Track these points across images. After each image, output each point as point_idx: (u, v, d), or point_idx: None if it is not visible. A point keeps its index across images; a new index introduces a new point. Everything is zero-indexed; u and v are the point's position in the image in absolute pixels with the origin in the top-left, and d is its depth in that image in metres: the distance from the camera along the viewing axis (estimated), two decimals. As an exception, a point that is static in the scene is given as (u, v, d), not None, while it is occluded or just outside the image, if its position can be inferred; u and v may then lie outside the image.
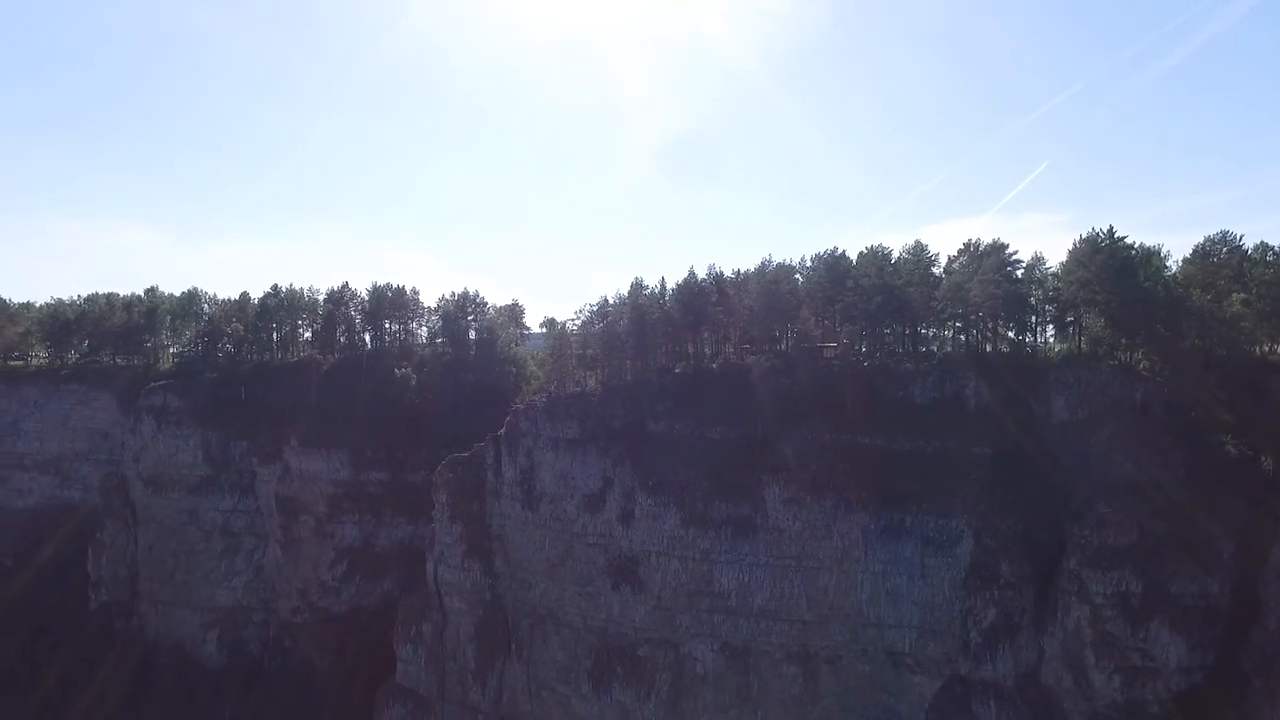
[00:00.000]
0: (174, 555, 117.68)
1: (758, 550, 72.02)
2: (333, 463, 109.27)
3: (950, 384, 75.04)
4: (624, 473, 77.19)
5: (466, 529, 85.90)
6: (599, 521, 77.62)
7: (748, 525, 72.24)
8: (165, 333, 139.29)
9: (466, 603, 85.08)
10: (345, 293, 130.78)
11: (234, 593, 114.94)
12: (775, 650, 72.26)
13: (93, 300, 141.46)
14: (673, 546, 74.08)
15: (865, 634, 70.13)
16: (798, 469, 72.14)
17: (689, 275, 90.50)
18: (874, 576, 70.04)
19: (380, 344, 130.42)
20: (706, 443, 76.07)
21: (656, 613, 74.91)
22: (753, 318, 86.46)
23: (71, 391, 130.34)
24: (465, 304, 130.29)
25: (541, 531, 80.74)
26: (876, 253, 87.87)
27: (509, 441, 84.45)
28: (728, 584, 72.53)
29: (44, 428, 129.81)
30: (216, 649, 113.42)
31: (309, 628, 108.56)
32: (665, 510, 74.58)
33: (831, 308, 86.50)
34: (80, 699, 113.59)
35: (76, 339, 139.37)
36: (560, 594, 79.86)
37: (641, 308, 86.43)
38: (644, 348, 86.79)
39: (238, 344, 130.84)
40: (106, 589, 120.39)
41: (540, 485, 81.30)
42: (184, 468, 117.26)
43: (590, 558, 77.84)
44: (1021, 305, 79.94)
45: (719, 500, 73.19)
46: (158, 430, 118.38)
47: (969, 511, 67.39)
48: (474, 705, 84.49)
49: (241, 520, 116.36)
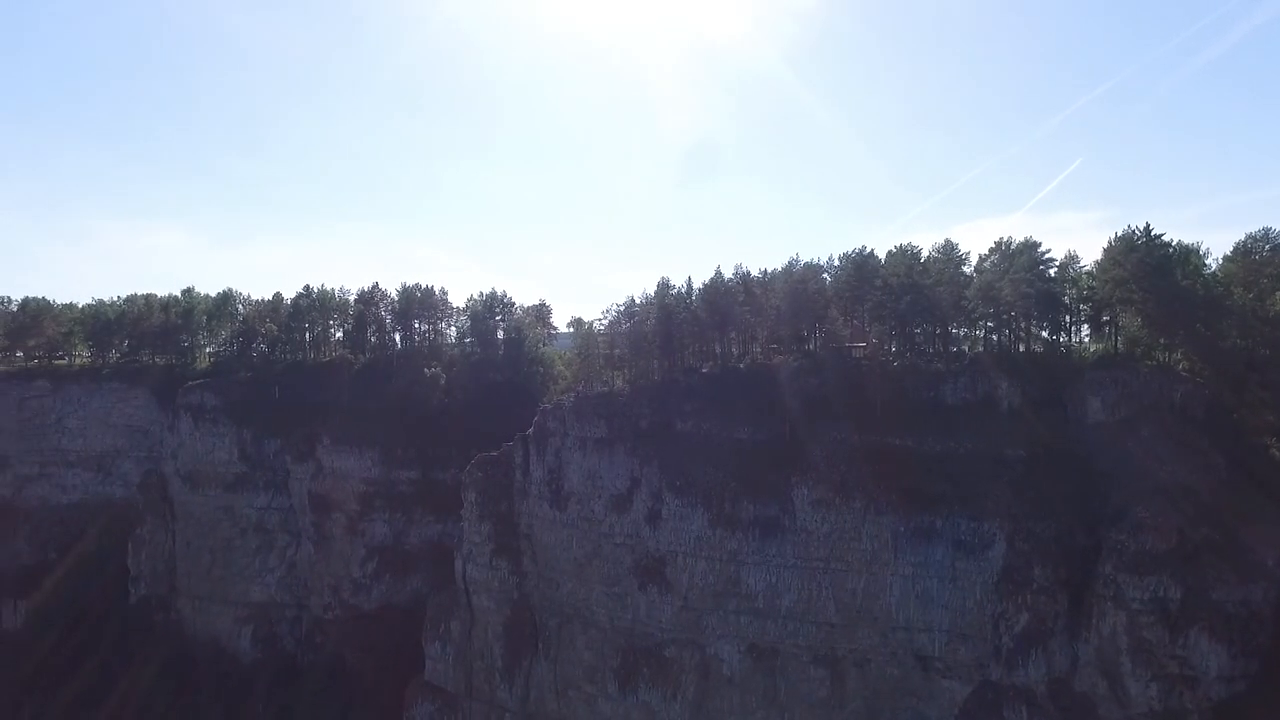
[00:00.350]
0: (210, 551, 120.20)
1: (785, 552, 71.63)
2: (364, 461, 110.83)
3: (982, 384, 73.97)
4: (651, 473, 77.24)
5: (495, 528, 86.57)
6: (626, 521, 77.76)
7: (775, 526, 71.87)
8: (202, 333, 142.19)
9: (494, 601, 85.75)
10: (376, 293, 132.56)
11: (268, 589, 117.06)
12: (802, 653, 71.84)
13: (132, 301, 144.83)
14: (700, 547, 73.96)
15: (894, 637, 69.43)
16: (826, 470, 71.63)
17: (715, 275, 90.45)
18: (903, 579, 69.32)
19: (410, 344, 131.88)
20: (734, 443, 75.83)
21: (683, 613, 74.86)
22: (780, 317, 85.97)
23: (112, 389, 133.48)
24: (493, 304, 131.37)
25: (569, 531, 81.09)
26: (905, 252, 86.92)
27: (537, 441, 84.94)
28: (755, 585, 72.23)
29: (86, 425, 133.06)
30: (251, 644, 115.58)
31: (340, 624, 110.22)
32: (692, 510, 74.49)
33: (860, 307, 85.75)
34: (119, 689, 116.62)
35: (117, 338, 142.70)
36: (587, 593, 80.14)
37: (668, 307, 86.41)
38: (671, 347, 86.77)
39: (271, 344, 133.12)
40: (145, 583, 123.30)
41: (568, 485, 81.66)
42: (220, 465, 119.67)
43: (617, 557, 78.01)
44: (1055, 304, 78.56)
45: (746, 501, 72.91)
46: (195, 428, 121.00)
47: (1001, 514, 66.39)
48: (501, 703, 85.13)
49: (275, 517, 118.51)
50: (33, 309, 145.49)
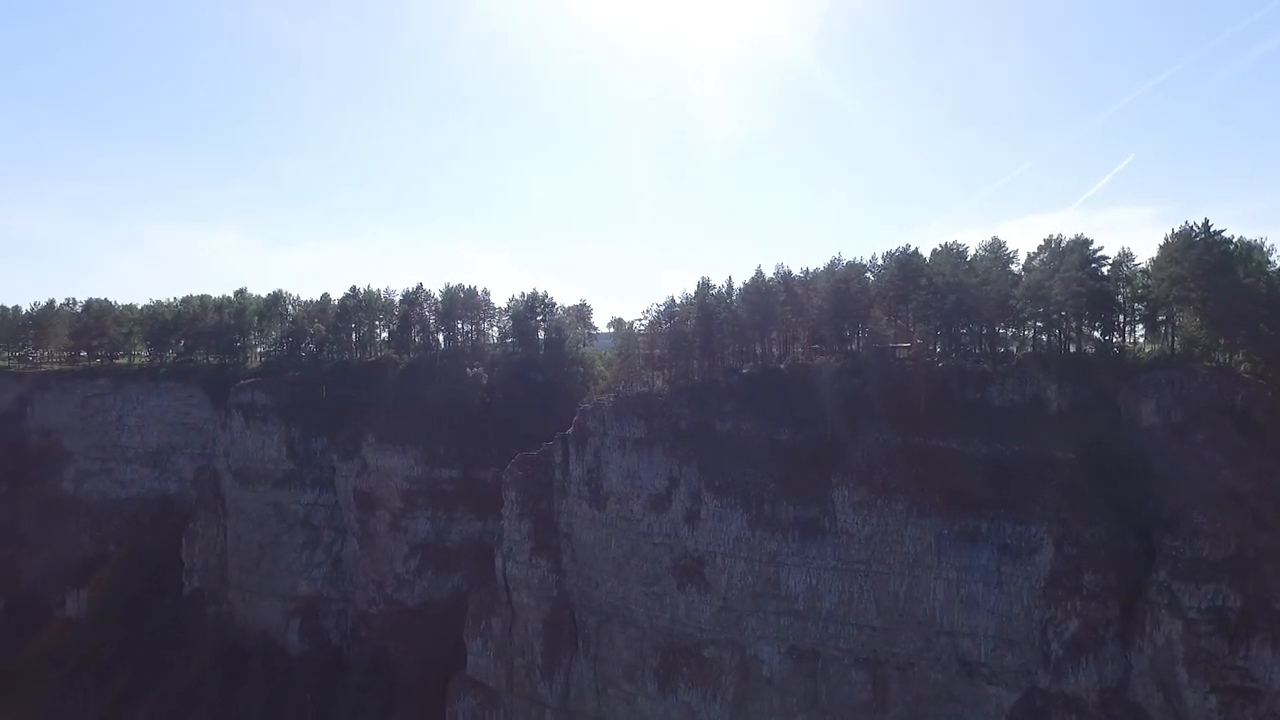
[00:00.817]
0: (259, 546, 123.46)
1: (826, 553, 70.88)
2: (407, 459, 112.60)
3: (1030, 386, 72.22)
4: (690, 473, 77.12)
5: (535, 526, 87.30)
6: (665, 521, 77.75)
7: (816, 528, 71.17)
8: (253, 333, 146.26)
9: (534, 599, 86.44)
10: (420, 294, 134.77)
11: (314, 583, 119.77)
12: (844, 655, 70.97)
13: (187, 302, 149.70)
14: (739, 548, 73.60)
15: (938, 642, 68.19)
16: (868, 472, 70.70)
17: (756, 274, 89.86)
18: (947, 583, 68.06)
19: (453, 344, 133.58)
20: (774, 444, 75.29)
21: (723, 614, 74.55)
22: (822, 317, 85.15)
23: (169, 388, 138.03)
24: (534, 304, 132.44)
25: (608, 530, 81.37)
26: (951, 250, 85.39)
27: (576, 441, 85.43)
28: (795, 587, 71.61)
29: (144, 422, 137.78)
30: (299, 636, 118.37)
31: (384, 619, 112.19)
32: (731, 511, 74.17)
33: (904, 307, 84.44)
34: (172, 677, 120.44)
35: (173, 338, 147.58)
36: (626, 592, 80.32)
37: (708, 307, 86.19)
38: (711, 348, 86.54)
39: (319, 344, 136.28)
40: (199, 576, 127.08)
41: (607, 484, 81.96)
42: (269, 462, 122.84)
43: (656, 557, 78.03)
44: (1108, 303, 76.34)
45: (786, 502, 72.35)
46: (245, 426, 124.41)
47: (1049, 518, 64.76)
48: (541, 700, 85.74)
49: (322, 513, 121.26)
50: (96, 310, 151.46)
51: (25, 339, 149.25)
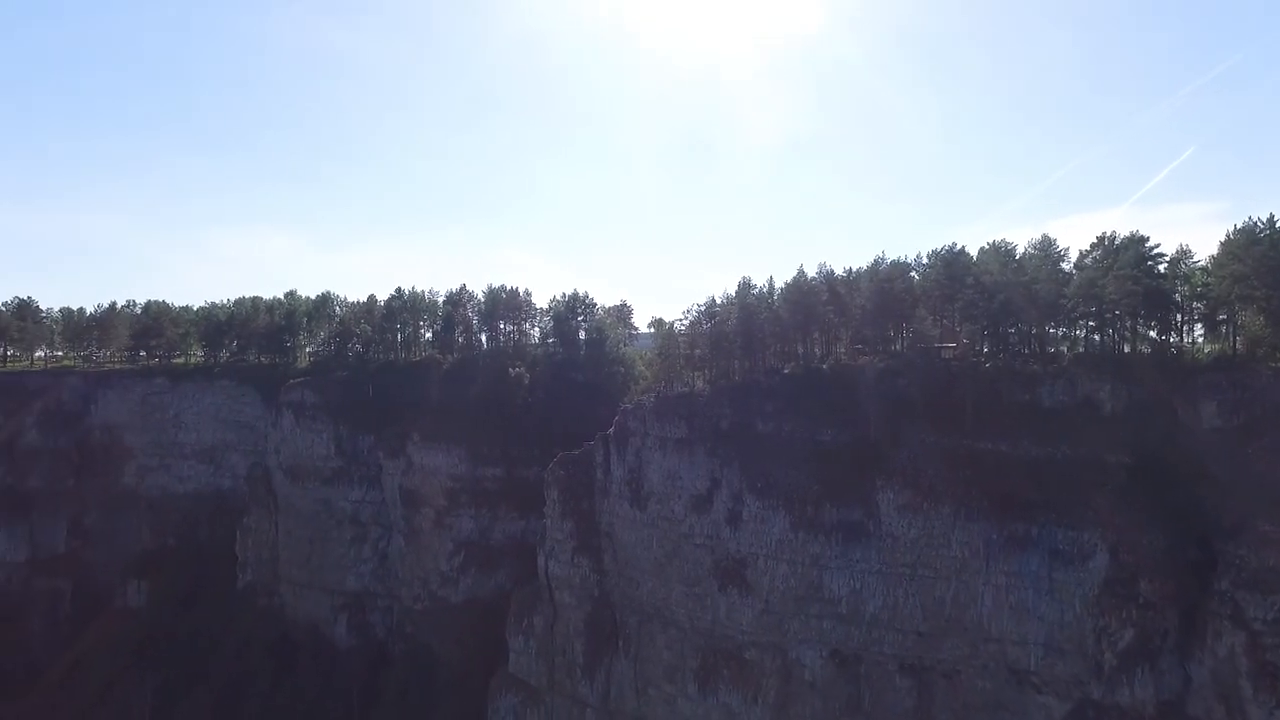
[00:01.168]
0: (309, 541, 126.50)
1: (870, 557, 69.95)
2: (451, 458, 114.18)
3: (1082, 387, 70.23)
4: (731, 474, 76.81)
5: (576, 526, 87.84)
6: (706, 522, 77.56)
7: (860, 531, 70.29)
8: (302, 333, 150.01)
9: (576, 598, 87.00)
10: (463, 294, 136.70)
11: (362, 579, 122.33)
12: (888, 660, 69.98)
13: (240, 304, 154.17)
14: (781, 550, 73.07)
15: (986, 649, 66.78)
16: (913, 474, 69.57)
17: (798, 274, 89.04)
18: (996, 589, 66.61)
19: (495, 344, 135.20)
20: (816, 445, 74.55)
21: (764, 616, 74.09)
22: (865, 317, 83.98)
23: (223, 387, 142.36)
24: (575, 305, 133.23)
25: (649, 530, 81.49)
26: (999, 248, 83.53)
27: (617, 441, 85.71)
28: (838, 590, 70.82)
29: (200, 420, 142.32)
30: (346, 630, 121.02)
31: (429, 615, 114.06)
32: (773, 513, 73.66)
33: (950, 306, 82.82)
34: (227, 667, 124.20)
35: (227, 339, 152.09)
36: (667, 593, 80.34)
37: (749, 307, 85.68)
38: (752, 348, 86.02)
39: (366, 344, 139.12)
40: (251, 570, 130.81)
41: (648, 484, 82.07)
42: (318, 460, 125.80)
43: (697, 558, 77.89)
44: (1164, 302, 73.82)
45: (829, 504, 71.58)
46: (295, 424, 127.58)
47: (1103, 524, 62.91)
48: (582, 699, 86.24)
49: (369, 510, 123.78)
50: (154, 312, 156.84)
51: (89, 339, 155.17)
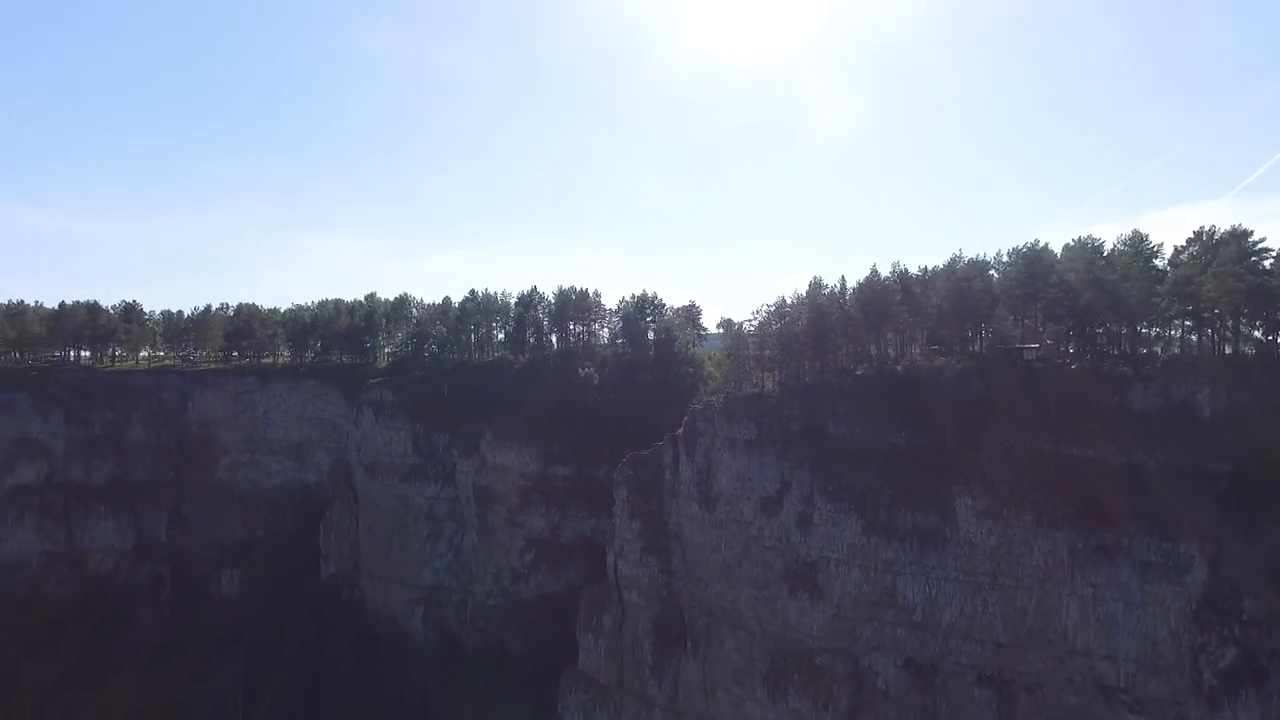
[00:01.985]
0: (388, 536, 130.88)
1: (946, 564, 67.93)
2: (523, 457, 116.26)
3: (1178, 390, 66.48)
4: (802, 476, 75.80)
5: (645, 526, 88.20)
6: (776, 525, 76.77)
7: (936, 537, 68.35)
8: (381, 334, 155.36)
9: (644, 598, 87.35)
10: (534, 296, 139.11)
11: (437, 573, 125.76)
12: (966, 671, 67.80)
13: (324, 306, 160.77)
14: (853, 554, 71.70)
15: (1071, 662, 63.96)
16: (993, 479, 67.20)
17: (871, 273, 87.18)
18: (1082, 600, 63.70)
19: (565, 344, 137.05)
20: (890, 448, 72.86)
21: (835, 622, 72.85)
22: (942, 317, 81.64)
23: (308, 386, 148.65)
24: (644, 305, 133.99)
25: (718, 532, 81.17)
26: (1085, 245, 79.92)
27: (686, 441, 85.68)
28: (913, 597, 69.05)
29: (287, 418, 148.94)
30: (422, 623, 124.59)
31: (501, 610, 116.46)
32: (845, 517, 72.35)
33: (1032, 306, 79.64)
34: (310, 655, 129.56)
35: (311, 340, 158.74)
36: (736, 595, 79.86)
37: (820, 308, 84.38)
38: (823, 349, 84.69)
39: (441, 344, 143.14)
40: (334, 562, 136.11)
41: (717, 486, 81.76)
42: (396, 457, 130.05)
43: (767, 561, 77.17)
44: (1270, 300, 69.17)
45: (904, 509, 69.86)
46: (375, 422, 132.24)
47: (1201, 535, 59.39)
48: (651, 699, 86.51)
49: (444, 507, 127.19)
50: (245, 314, 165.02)
51: (187, 340, 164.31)
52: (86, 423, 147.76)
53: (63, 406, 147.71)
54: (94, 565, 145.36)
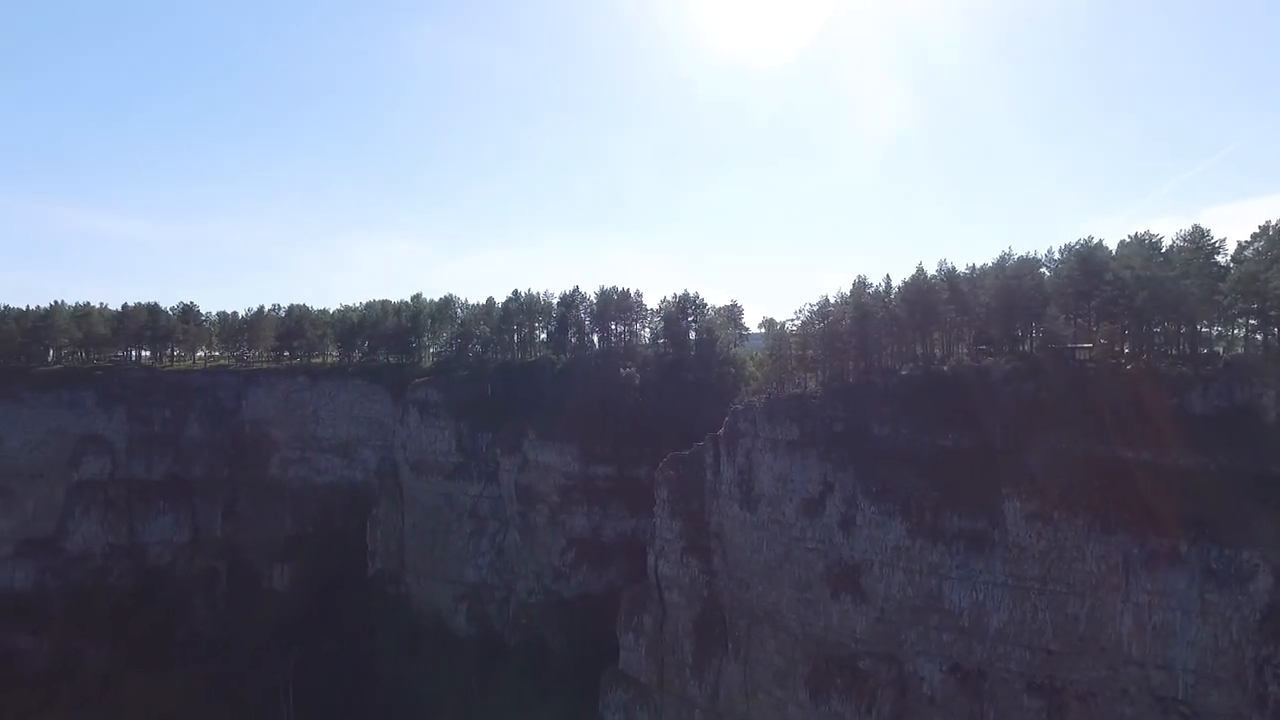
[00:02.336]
0: (432, 533, 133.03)
1: (994, 568, 66.29)
2: (565, 456, 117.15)
3: (1240, 391, 63.80)
4: (845, 478, 74.80)
5: (686, 526, 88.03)
6: (818, 526, 75.89)
7: (983, 540, 66.76)
8: (426, 334, 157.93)
9: (685, 598, 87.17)
10: (576, 296, 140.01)
11: (480, 571, 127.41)
12: (1014, 679, 66.04)
13: (370, 307, 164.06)
14: (898, 557, 70.47)
15: (1126, 672, 61.84)
16: (1044, 482, 65.33)
17: (917, 272, 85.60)
18: (1137, 608, 61.49)
19: (607, 344, 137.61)
20: (937, 450, 71.44)
21: (879, 625, 71.70)
22: (990, 316, 79.77)
23: (356, 385, 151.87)
24: (686, 305, 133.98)
25: (759, 533, 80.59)
26: (1142, 241, 77.35)
27: (728, 441, 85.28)
28: (960, 602, 67.55)
29: (336, 416, 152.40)
30: (465, 620, 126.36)
31: (542, 608, 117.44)
32: (890, 519, 71.16)
33: (1085, 304, 77.35)
34: (357, 649, 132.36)
35: (359, 339, 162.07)
36: (778, 597, 79.18)
37: (865, 307, 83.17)
38: (867, 348, 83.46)
39: (484, 344, 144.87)
40: (380, 559, 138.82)
41: (759, 486, 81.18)
42: (440, 455, 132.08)
43: (809, 563, 76.33)
44: (1343, 298, 66.10)
45: (950, 512, 68.39)
46: (420, 421, 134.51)
47: (1266, 543, 56.88)
48: (691, 699, 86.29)
49: (487, 505, 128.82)
50: (296, 315, 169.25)
51: (241, 340, 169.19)
52: (147, 420, 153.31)
53: (125, 405, 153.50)
54: (153, 558, 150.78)
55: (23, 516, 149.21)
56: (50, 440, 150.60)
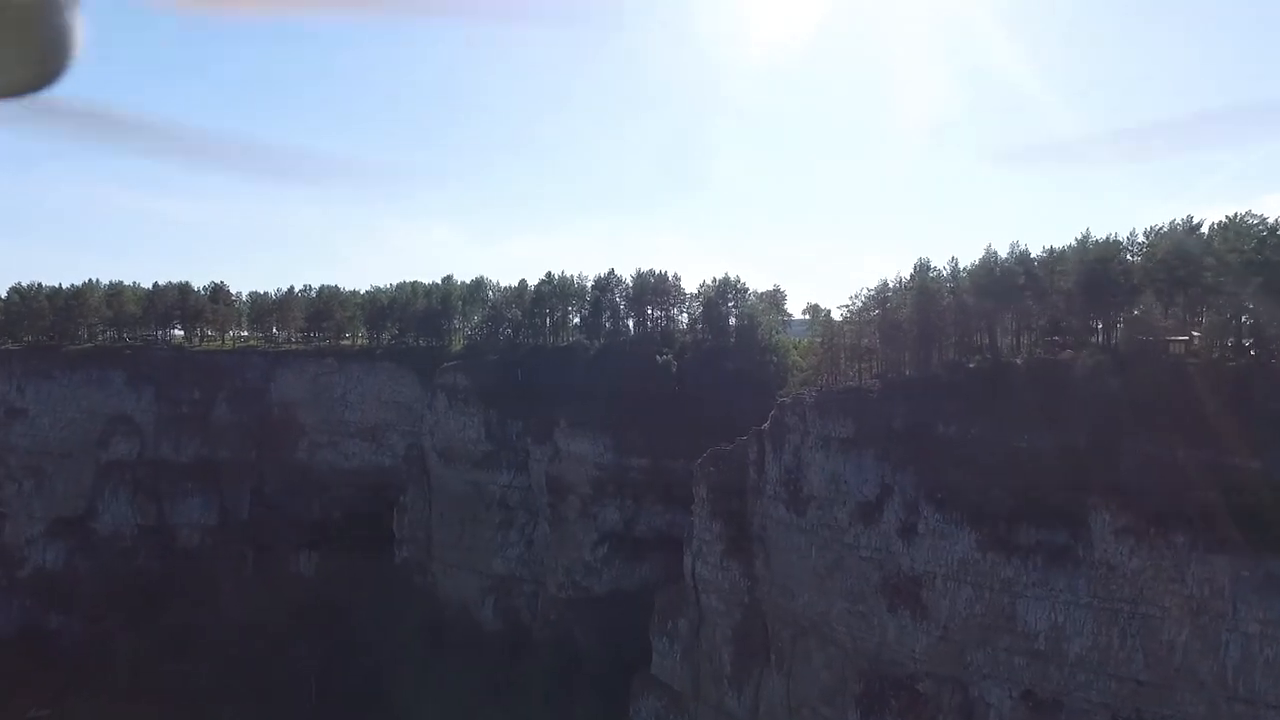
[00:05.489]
0: (460, 522, 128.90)
1: (1077, 587, 59.16)
2: (597, 446, 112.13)
3: (1373, 393, 55.73)
4: (905, 480, 67.99)
5: (726, 527, 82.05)
6: (874, 534, 69.26)
7: (1065, 556, 59.63)
8: (457, 317, 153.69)
9: (724, 603, 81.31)
10: (611, 279, 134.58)
11: (508, 563, 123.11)
12: (1096, 710, 59.02)
13: (401, 288, 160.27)
14: (965, 571, 63.62)
15: (1231, 709, 54.51)
16: (1136, 492, 57.96)
17: (987, 254, 77.78)
18: (1246, 638, 54.11)
19: (643, 329, 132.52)
20: (1011, 452, 64.21)
21: (942, 644, 65.03)
22: (1070, 304, 71.98)
23: (384, 369, 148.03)
24: (726, 289, 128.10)
25: (807, 537, 74.22)
26: (1247, 222, 68.80)
27: (774, 437, 78.85)
28: (1035, 623, 60.58)
29: (364, 400, 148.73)
30: (493, 613, 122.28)
31: (572, 604, 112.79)
32: (956, 528, 64.27)
33: (1181, 292, 69.17)
34: (383, 639, 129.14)
35: (388, 322, 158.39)
36: (827, 607, 72.84)
37: (929, 292, 75.79)
38: (930, 338, 76.19)
39: (516, 328, 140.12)
40: (407, 547, 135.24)
41: (808, 487, 74.71)
42: (469, 443, 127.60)
43: (863, 572, 69.80)
44: None
45: (1026, 523, 61.33)
46: (449, 407, 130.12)
47: (1407, 569, 49.16)
48: (729, 711, 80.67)
49: (516, 495, 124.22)
50: (326, 296, 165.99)
51: (270, 320, 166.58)
52: (175, 401, 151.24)
53: (154, 385, 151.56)
54: (182, 540, 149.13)
55: (53, 496, 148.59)
56: (80, 419, 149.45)
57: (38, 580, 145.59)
